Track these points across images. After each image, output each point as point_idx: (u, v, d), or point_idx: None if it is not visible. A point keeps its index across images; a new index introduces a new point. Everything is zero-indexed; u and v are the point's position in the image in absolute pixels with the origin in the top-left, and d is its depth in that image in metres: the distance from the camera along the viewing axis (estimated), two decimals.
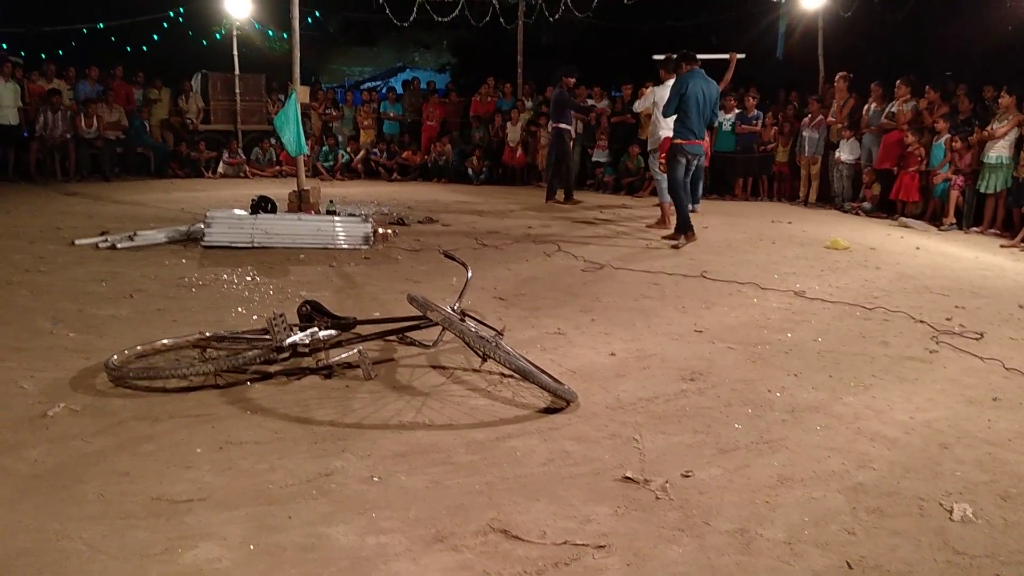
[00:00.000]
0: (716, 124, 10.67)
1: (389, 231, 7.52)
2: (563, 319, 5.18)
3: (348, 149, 15.32)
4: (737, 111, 12.95)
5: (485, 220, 9.23)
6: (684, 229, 7.92)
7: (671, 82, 8.42)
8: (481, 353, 3.91)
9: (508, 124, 14.80)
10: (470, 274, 4.48)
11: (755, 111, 12.97)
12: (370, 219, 7.41)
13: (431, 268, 6.55)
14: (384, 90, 20.06)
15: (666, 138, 8.80)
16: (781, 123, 12.82)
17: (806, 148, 12.25)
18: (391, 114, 16.04)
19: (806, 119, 12.32)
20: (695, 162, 8.31)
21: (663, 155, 8.76)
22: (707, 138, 9.96)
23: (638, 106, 11.06)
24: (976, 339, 4.94)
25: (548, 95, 13.16)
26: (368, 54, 33.23)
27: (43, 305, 5.18)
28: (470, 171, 14.66)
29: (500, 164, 14.86)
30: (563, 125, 11.32)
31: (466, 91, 16.98)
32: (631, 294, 5.92)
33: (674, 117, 8.10)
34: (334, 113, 15.87)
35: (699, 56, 8.43)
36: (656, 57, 9.11)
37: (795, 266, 7.07)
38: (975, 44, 14.84)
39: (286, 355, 3.98)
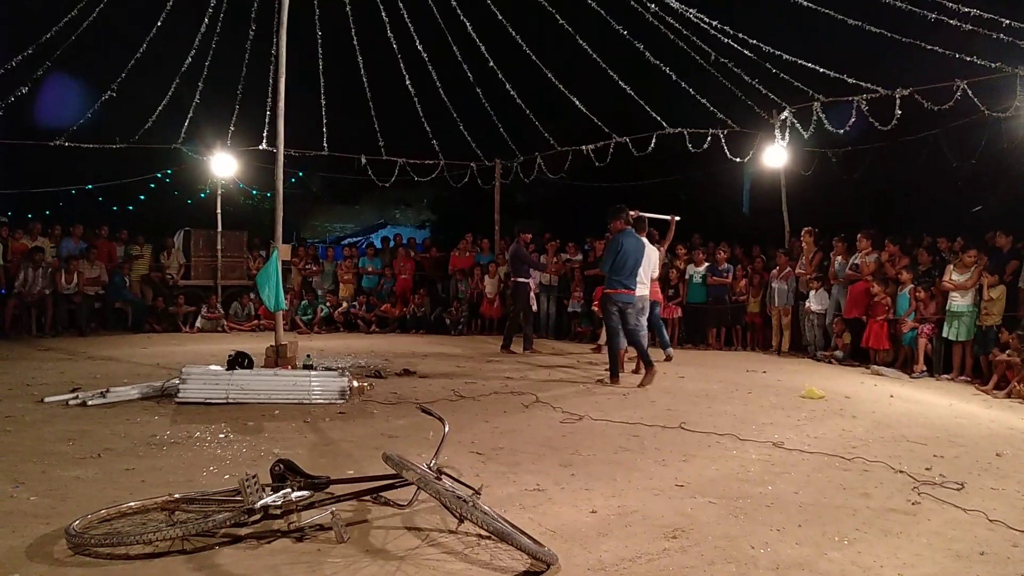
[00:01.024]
0: (658, 276, 11.17)
1: (366, 384, 7.42)
2: (542, 474, 5.07)
3: (327, 303, 15.41)
4: (707, 264, 13.34)
5: (463, 370, 9.14)
6: (614, 374, 8.44)
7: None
8: (458, 514, 3.79)
9: (486, 277, 15.08)
10: (447, 428, 4.43)
11: (725, 264, 13.32)
12: (347, 373, 7.32)
13: (407, 422, 6.44)
14: (364, 245, 20.47)
15: (598, 288, 9.75)
16: (751, 275, 13.16)
17: (776, 299, 12.52)
18: (369, 268, 16.27)
19: (775, 271, 12.67)
20: (629, 310, 8.73)
21: (596, 303, 9.68)
22: (656, 288, 10.30)
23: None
24: (957, 489, 4.89)
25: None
26: (350, 211, 34.19)
27: (5, 467, 4.99)
28: (448, 322, 14.83)
29: (478, 315, 15.11)
30: (520, 279, 11.60)
31: (446, 246, 17.41)
32: (611, 446, 5.83)
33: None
34: (314, 268, 16.11)
35: (644, 215, 9.28)
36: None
37: (772, 416, 7.03)
38: (932, 197, 15.67)
39: (257, 517, 3.84)
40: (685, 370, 9.67)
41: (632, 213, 9.05)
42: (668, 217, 10.24)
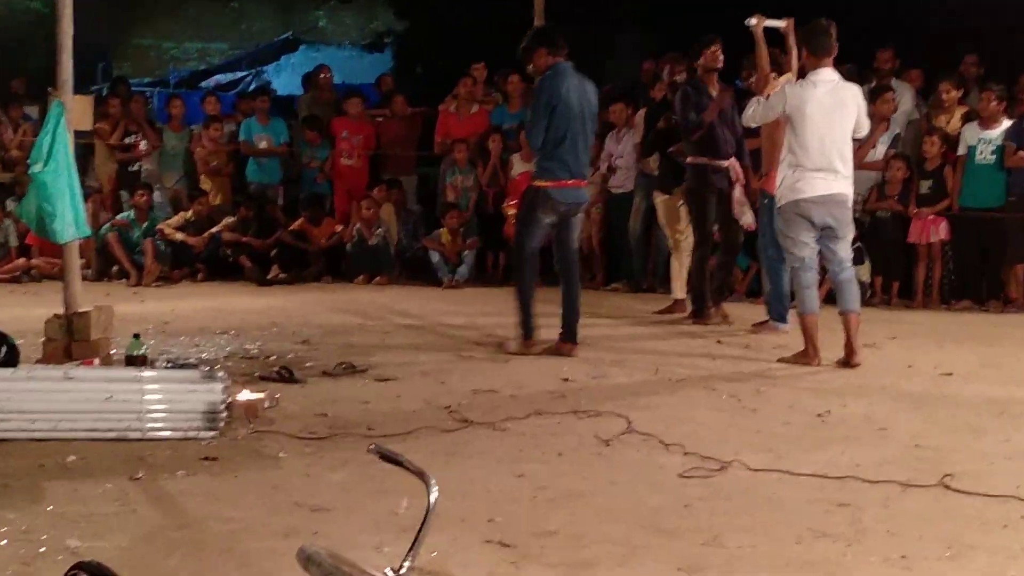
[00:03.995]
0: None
1: (261, 397, 4.02)
2: None
3: (176, 218, 9.20)
4: (1009, 122, 7.38)
5: (469, 366, 5.53)
6: (527, 333, 5.63)
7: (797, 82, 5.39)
8: None
9: (514, 157, 8.59)
10: (434, 494, 1.76)
11: None
12: (220, 372, 3.99)
13: (350, 478, 3.44)
14: (251, 86, 13.43)
15: (521, 175, 7.39)
16: None
17: None
18: (263, 144, 9.43)
19: None
20: (573, 220, 5.68)
21: (512, 202, 6.95)
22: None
23: (757, 114, 5.76)
24: None
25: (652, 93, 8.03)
26: (220, 18, 16.91)
27: None
28: (436, 259, 8.88)
29: (497, 242, 8.78)
30: (699, 159, 6.51)
31: (429, 94, 10.59)
32: (791, 530, 2.87)
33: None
34: (142, 145, 9.41)
35: (767, 21, 5.67)
36: (748, 22, 5.81)
37: None
38: None
39: None
40: (949, 356, 5.85)
41: (754, 20, 5.71)
42: (779, 22, 5.97)
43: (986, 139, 7.36)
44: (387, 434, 3.91)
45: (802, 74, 5.43)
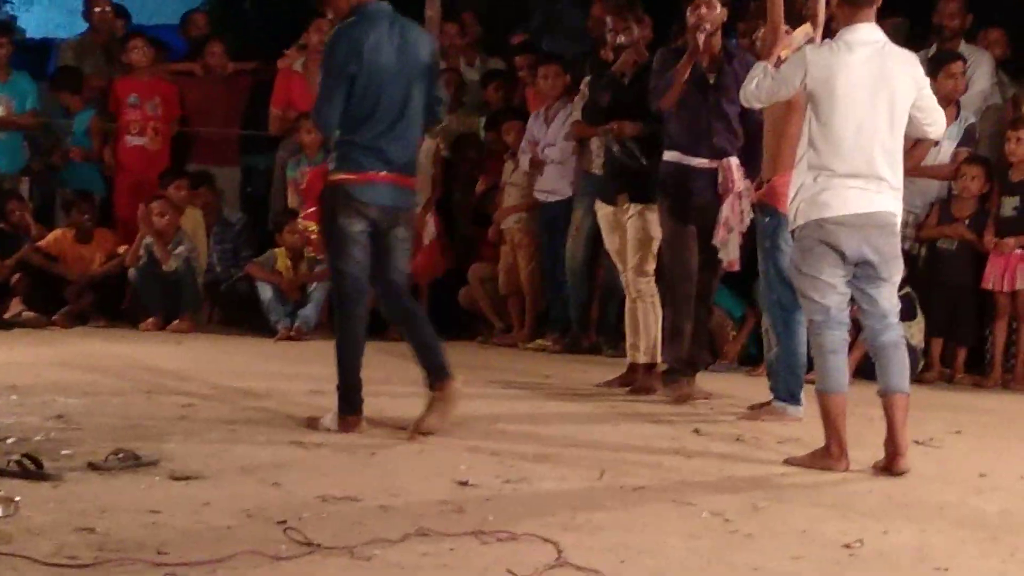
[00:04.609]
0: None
1: None
2: None
3: None
4: None
5: (317, 459, 5.45)
6: (349, 404, 6.14)
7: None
8: None
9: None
10: None
11: None
12: None
13: None
14: None
15: (313, 172, 8.04)
16: None
17: None
18: (1, 109, 9.76)
19: None
20: (399, 229, 6.14)
21: (309, 211, 7.78)
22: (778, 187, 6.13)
23: (762, 90, 5.92)
24: None
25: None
26: None
27: None
28: (268, 295, 9.05)
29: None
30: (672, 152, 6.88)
31: (263, 42, 10.89)
32: None
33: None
34: None
35: None
36: None
37: None
38: None
39: None
40: None
41: None
42: None
43: None
44: (188, 562, 3.85)
45: (829, 32, 5.55)
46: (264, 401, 7.11)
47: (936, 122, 5.35)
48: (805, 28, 5.84)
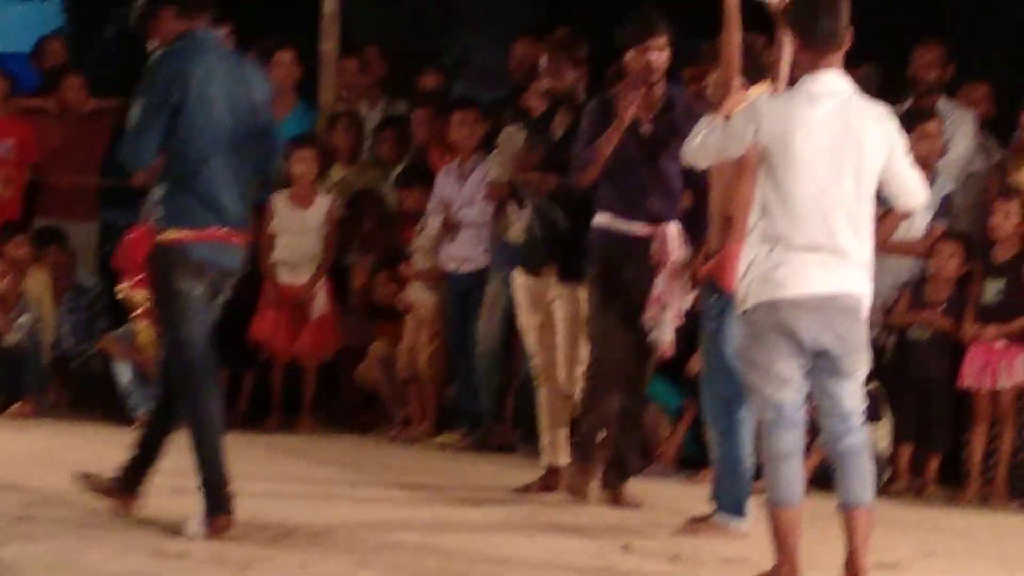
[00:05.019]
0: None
1: None
2: None
3: None
4: None
5: None
6: (215, 503, 5.72)
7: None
8: None
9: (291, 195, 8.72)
10: None
11: None
12: None
13: None
14: None
15: (136, 233, 7.96)
16: None
17: None
18: None
19: None
20: (220, 298, 6.11)
21: (135, 279, 7.90)
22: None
23: (709, 146, 6.24)
24: None
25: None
26: None
27: None
28: (126, 376, 8.79)
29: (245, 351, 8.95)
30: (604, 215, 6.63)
31: (128, 74, 10.70)
32: None
33: None
34: None
35: None
36: None
37: None
38: None
39: None
40: None
41: None
42: None
43: None
44: None
45: (792, 81, 5.26)
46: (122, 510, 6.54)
47: (909, 192, 5.10)
48: (763, 88, 5.66)
